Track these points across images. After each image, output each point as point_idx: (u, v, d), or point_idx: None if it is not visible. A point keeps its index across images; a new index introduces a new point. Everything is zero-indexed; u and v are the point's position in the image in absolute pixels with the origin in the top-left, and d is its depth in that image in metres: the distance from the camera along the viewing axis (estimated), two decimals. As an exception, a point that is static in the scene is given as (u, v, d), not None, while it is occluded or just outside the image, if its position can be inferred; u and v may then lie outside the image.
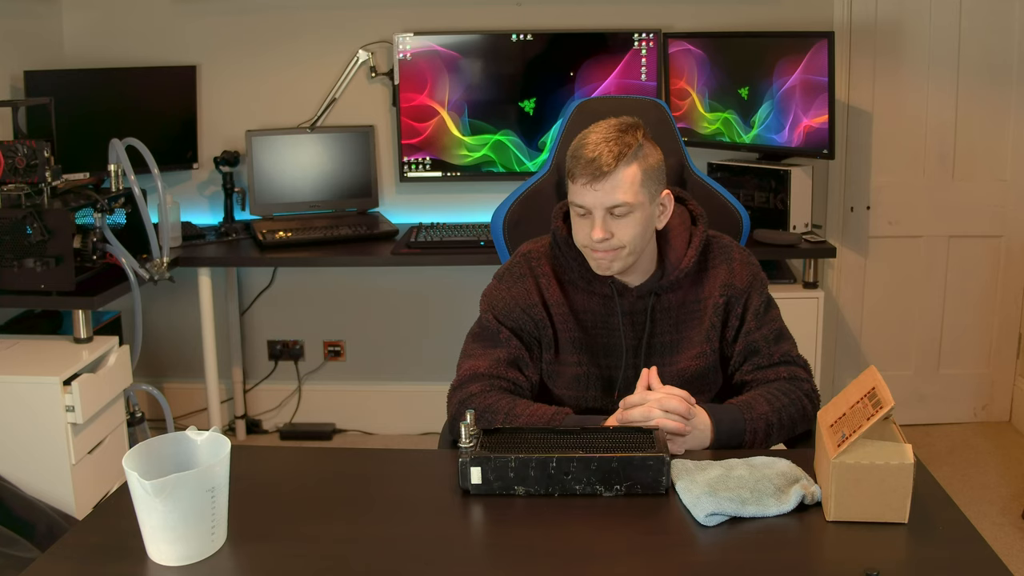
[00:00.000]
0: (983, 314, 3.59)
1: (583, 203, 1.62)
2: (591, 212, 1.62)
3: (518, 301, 1.75)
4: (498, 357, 1.70)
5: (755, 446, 1.61)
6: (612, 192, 1.60)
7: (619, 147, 1.60)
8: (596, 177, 1.59)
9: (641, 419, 1.53)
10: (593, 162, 1.59)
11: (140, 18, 3.47)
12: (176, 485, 1.23)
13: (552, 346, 1.74)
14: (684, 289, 1.75)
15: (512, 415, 1.61)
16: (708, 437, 1.58)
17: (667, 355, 1.74)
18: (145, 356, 3.52)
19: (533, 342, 1.75)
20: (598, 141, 1.61)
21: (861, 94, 3.42)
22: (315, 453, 1.91)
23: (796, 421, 1.66)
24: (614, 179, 1.60)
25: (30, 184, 2.57)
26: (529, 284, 1.76)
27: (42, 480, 2.48)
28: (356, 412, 3.74)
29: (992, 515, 2.94)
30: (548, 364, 1.75)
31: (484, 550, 1.38)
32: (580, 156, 1.61)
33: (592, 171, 1.59)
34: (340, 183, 3.47)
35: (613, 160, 1.59)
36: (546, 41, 3.34)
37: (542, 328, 1.74)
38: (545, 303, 1.75)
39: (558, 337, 1.74)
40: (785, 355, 1.73)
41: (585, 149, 1.61)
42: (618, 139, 1.60)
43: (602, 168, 1.58)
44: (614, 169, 1.59)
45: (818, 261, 3.16)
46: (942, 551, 1.30)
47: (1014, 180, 3.47)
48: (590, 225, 1.63)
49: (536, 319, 1.74)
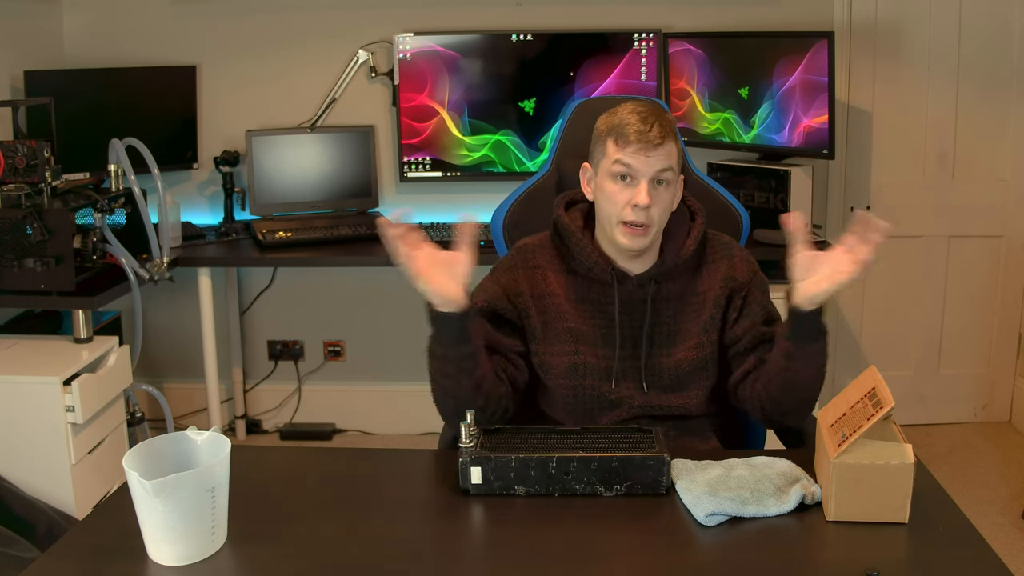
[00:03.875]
0: (983, 314, 3.59)
1: (631, 163, 1.64)
2: (637, 177, 1.65)
3: (505, 289, 1.77)
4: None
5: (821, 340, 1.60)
6: (664, 159, 1.65)
7: (667, 122, 1.67)
8: (651, 143, 1.64)
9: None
10: (647, 132, 1.63)
11: (140, 18, 3.47)
12: (176, 485, 1.23)
13: (535, 336, 1.75)
14: (683, 280, 1.76)
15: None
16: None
17: (664, 345, 1.75)
18: (145, 356, 3.52)
19: (518, 330, 1.76)
20: (645, 114, 1.66)
21: (861, 94, 3.42)
22: (315, 453, 1.91)
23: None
24: (664, 149, 1.65)
25: (30, 184, 2.57)
26: (518, 275, 1.78)
27: (42, 480, 2.48)
28: (356, 412, 3.74)
29: (992, 515, 2.94)
30: (536, 356, 1.75)
31: (484, 550, 1.38)
32: (630, 123, 1.65)
33: (647, 139, 1.63)
34: (340, 183, 3.47)
35: (662, 132, 1.65)
36: (546, 41, 3.34)
37: (524, 318, 1.75)
38: (533, 294, 1.76)
39: (547, 327, 1.74)
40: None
41: (635, 116, 1.65)
42: (661, 115, 1.67)
43: (653, 140, 1.63)
44: (663, 142, 1.65)
45: (818, 261, 3.16)
46: (942, 551, 1.30)
47: (1014, 180, 3.47)
48: (632, 193, 1.65)
49: (519, 308, 1.76)
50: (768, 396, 1.67)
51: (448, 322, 1.55)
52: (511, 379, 1.72)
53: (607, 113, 1.71)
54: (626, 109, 1.68)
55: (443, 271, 1.53)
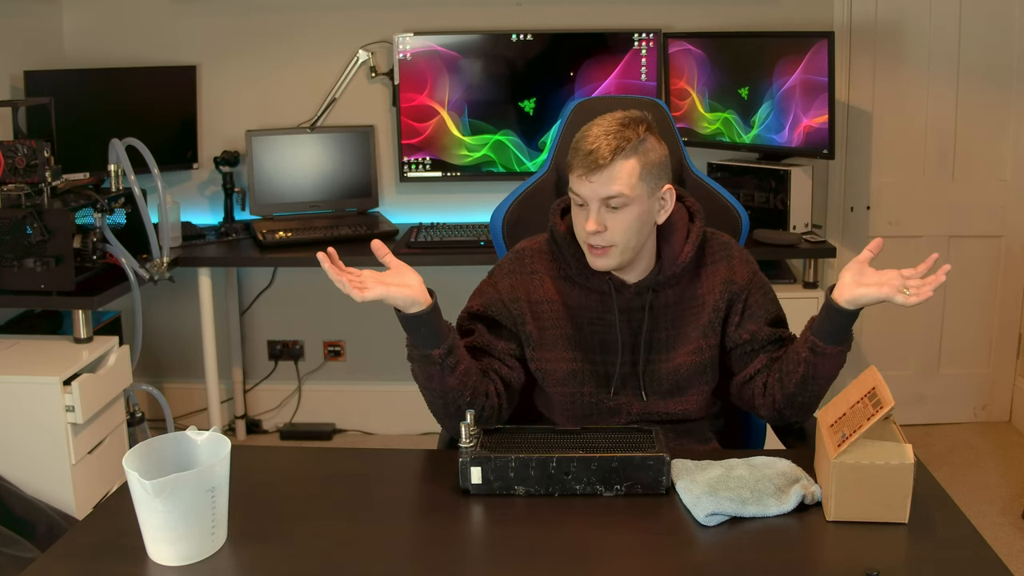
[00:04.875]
0: (983, 314, 3.59)
1: (579, 193, 1.64)
2: (587, 203, 1.64)
3: (501, 294, 1.76)
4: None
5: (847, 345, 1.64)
6: (607, 184, 1.61)
7: (618, 140, 1.61)
8: (592, 169, 1.60)
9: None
10: (591, 154, 1.60)
11: (140, 18, 3.47)
12: (176, 485, 1.23)
13: (531, 342, 1.74)
14: (682, 285, 1.75)
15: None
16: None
17: (664, 351, 1.74)
18: (145, 356, 3.52)
19: (513, 334, 1.76)
20: (598, 134, 1.62)
21: (861, 94, 3.42)
22: (315, 453, 1.91)
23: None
24: (610, 171, 1.61)
25: (30, 184, 2.57)
26: (516, 280, 1.77)
27: (42, 480, 2.48)
28: (356, 412, 3.74)
29: (992, 515, 2.94)
30: (533, 361, 1.75)
31: (484, 550, 1.38)
32: (579, 148, 1.63)
33: (589, 163, 1.60)
34: (340, 183, 3.47)
35: (610, 153, 1.60)
36: (546, 41, 3.34)
37: (520, 324, 1.74)
38: (529, 300, 1.75)
39: (543, 334, 1.74)
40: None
41: (585, 141, 1.63)
42: (618, 133, 1.62)
43: (598, 161, 1.60)
44: (610, 162, 1.60)
45: (818, 261, 3.16)
46: (942, 551, 1.30)
47: (1014, 180, 3.47)
48: (586, 217, 1.64)
49: (515, 314, 1.75)
50: (784, 391, 1.66)
51: (420, 322, 1.57)
52: (503, 378, 1.72)
53: (584, 126, 1.68)
54: (591, 126, 1.65)
55: (394, 279, 1.55)
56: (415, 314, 1.56)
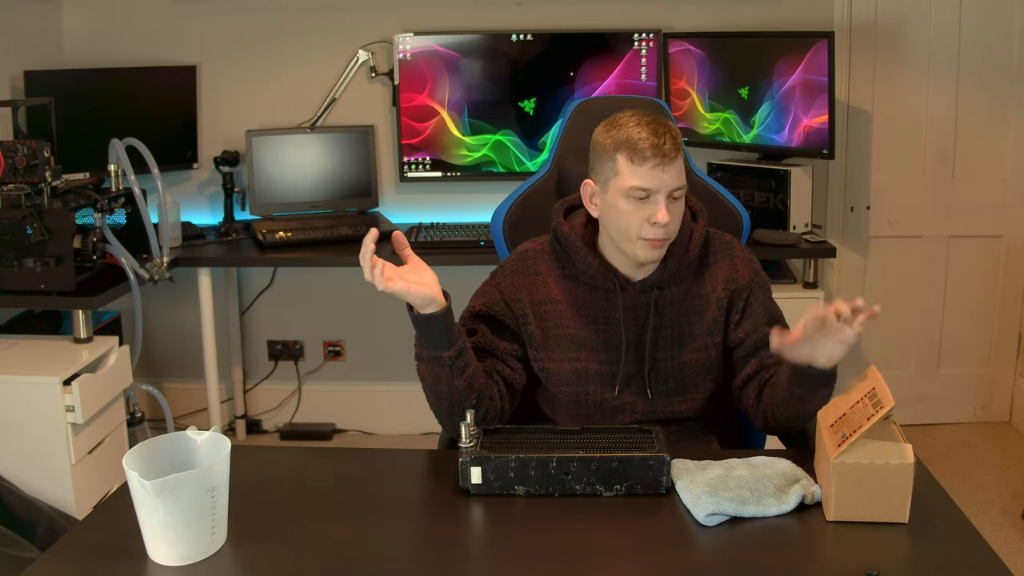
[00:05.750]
0: (983, 314, 3.59)
1: (650, 186, 1.61)
2: (655, 195, 1.61)
3: (504, 295, 1.76)
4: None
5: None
6: (677, 175, 1.62)
7: (674, 133, 1.63)
8: (665, 160, 1.60)
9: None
10: (660, 147, 1.60)
11: (140, 18, 3.47)
12: (176, 485, 1.23)
13: (534, 343, 1.74)
14: (686, 283, 1.75)
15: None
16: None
17: (669, 349, 1.74)
18: (145, 356, 3.52)
19: (516, 335, 1.76)
20: (655, 128, 1.61)
21: (861, 94, 3.42)
22: (315, 453, 1.91)
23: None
24: (677, 163, 1.62)
25: (30, 184, 2.57)
26: (518, 281, 1.76)
27: (42, 480, 2.48)
28: (356, 412, 3.74)
29: (992, 515, 2.94)
30: (536, 362, 1.75)
31: (484, 550, 1.38)
32: (642, 139, 1.60)
33: (662, 154, 1.60)
34: (340, 183, 3.47)
35: (674, 146, 1.62)
36: (546, 41, 3.34)
37: (522, 324, 1.74)
38: (532, 300, 1.75)
39: (547, 334, 1.74)
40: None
41: (645, 131, 1.61)
42: (667, 126, 1.63)
43: (668, 153, 1.60)
44: (676, 155, 1.62)
45: (818, 261, 3.16)
46: (942, 551, 1.30)
47: (1014, 180, 3.47)
48: (651, 209, 1.61)
49: (517, 315, 1.74)
50: (774, 416, 1.66)
51: (434, 322, 1.55)
52: (505, 379, 1.72)
53: (607, 125, 1.66)
54: (630, 121, 1.63)
55: (412, 275, 1.53)
56: (430, 314, 1.54)
